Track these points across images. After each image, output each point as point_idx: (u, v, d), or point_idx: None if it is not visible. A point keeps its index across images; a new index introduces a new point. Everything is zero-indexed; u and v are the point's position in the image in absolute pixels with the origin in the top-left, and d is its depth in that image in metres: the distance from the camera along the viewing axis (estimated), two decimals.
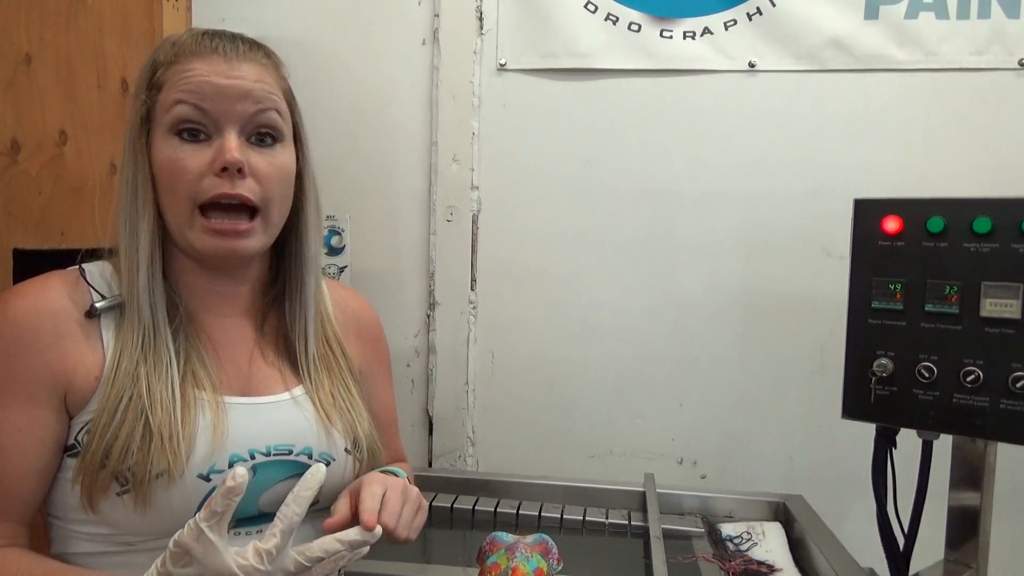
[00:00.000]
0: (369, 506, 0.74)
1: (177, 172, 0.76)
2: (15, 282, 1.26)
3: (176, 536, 0.64)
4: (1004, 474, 1.09)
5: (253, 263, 0.86)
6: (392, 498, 0.77)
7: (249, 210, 0.79)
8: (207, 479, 0.74)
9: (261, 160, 0.78)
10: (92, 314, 0.77)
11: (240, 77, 0.77)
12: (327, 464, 0.82)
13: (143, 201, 0.77)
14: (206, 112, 0.76)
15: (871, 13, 1.45)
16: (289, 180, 0.82)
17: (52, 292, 0.77)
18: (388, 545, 0.86)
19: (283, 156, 0.81)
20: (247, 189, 0.77)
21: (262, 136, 0.79)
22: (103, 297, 0.78)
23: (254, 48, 0.80)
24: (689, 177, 1.53)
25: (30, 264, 1.25)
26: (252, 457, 0.78)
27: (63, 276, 0.80)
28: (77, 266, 0.82)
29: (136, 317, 0.77)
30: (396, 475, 0.85)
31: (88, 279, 0.80)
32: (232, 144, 0.76)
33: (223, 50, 0.77)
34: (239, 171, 0.76)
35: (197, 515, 0.64)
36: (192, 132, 0.76)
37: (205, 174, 0.76)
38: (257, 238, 0.80)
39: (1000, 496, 1.07)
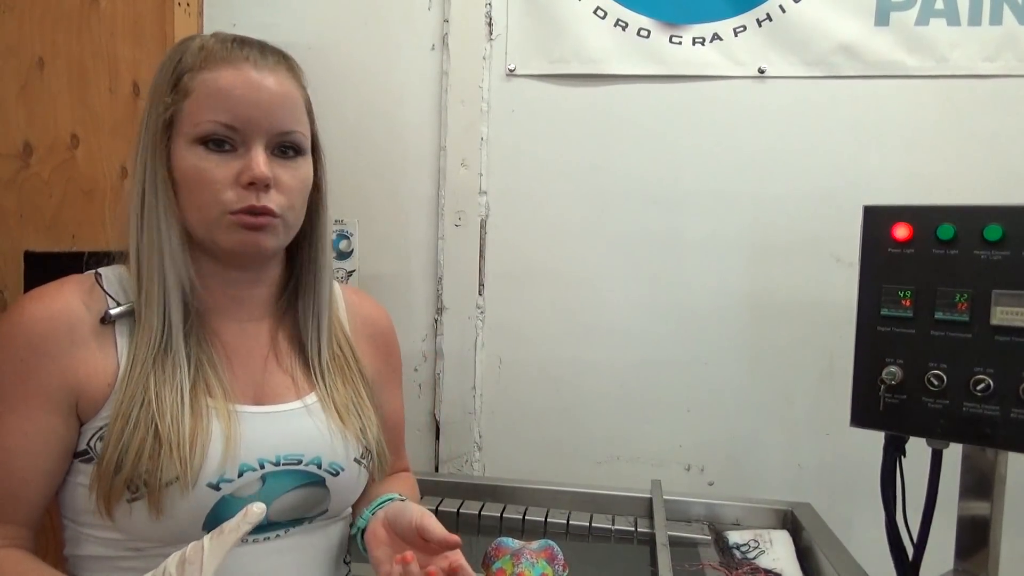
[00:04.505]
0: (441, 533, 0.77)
1: (204, 183, 0.76)
2: (26, 285, 1.27)
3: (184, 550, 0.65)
4: (1014, 484, 1.08)
5: (271, 264, 0.87)
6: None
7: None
8: (217, 488, 0.74)
9: (285, 173, 0.80)
10: (106, 320, 0.77)
11: (268, 90, 0.78)
12: (336, 475, 0.82)
13: (165, 206, 0.78)
14: (235, 128, 0.77)
15: (882, 19, 1.44)
16: (307, 190, 0.84)
17: (67, 298, 0.77)
18: None
19: (304, 168, 0.83)
20: (272, 201, 0.78)
21: (285, 149, 0.80)
22: (118, 304, 0.79)
23: (280, 59, 0.81)
24: (698, 183, 1.52)
25: (41, 267, 1.25)
26: (261, 466, 0.78)
27: (79, 281, 0.80)
28: (94, 272, 0.82)
29: (149, 324, 0.77)
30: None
31: (104, 285, 0.80)
32: (260, 160, 0.77)
33: (253, 59, 0.78)
34: (265, 186, 0.77)
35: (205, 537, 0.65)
36: (218, 143, 0.77)
37: (231, 185, 0.77)
38: (277, 237, 0.81)
39: (1010, 506, 1.06)
